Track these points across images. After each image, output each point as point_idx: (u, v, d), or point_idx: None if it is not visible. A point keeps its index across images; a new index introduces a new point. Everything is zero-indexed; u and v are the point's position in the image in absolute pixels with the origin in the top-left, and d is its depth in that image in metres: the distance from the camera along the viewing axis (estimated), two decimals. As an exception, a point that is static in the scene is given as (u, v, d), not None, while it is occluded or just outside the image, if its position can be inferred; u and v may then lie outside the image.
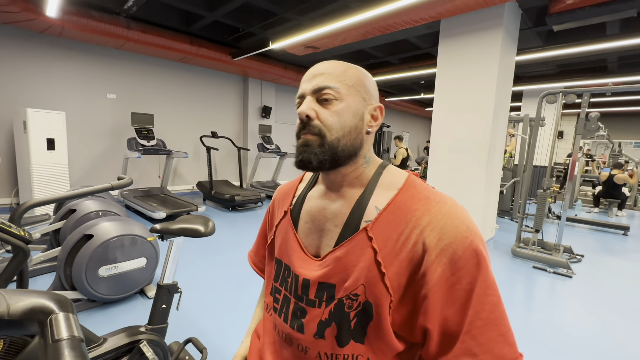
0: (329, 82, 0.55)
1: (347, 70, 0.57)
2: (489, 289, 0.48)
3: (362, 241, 0.54)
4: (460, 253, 0.48)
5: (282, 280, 0.65)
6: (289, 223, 0.67)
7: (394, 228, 0.53)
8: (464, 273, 0.48)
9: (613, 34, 3.98)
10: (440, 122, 3.62)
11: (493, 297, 0.48)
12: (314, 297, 0.58)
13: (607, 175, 5.70)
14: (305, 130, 0.56)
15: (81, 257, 1.81)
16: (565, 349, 1.81)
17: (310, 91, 0.56)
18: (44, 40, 4.36)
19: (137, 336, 1.16)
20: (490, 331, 0.47)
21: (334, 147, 0.55)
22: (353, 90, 0.56)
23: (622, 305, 2.37)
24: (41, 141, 3.79)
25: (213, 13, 4.07)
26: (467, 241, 0.49)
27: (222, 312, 2.01)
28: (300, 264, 0.62)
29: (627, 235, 4.38)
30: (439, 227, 0.50)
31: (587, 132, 3.04)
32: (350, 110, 0.56)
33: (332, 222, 0.59)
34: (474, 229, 0.51)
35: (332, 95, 0.55)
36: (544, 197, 3.30)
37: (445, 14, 3.22)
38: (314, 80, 0.57)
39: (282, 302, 0.64)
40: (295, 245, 0.64)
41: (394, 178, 0.59)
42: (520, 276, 2.85)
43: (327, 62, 0.58)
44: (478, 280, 0.48)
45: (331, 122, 0.55)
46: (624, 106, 9.39)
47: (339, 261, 0.56)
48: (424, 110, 11.36)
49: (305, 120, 0.56)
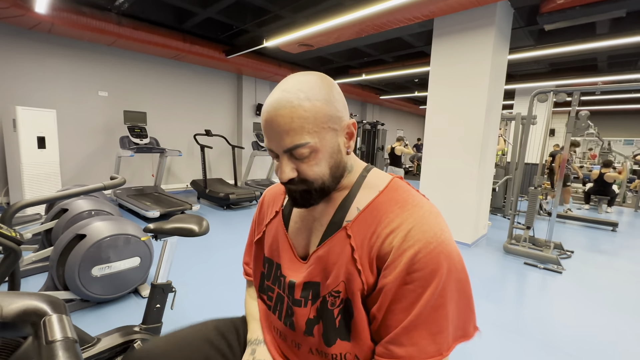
0: (297, 140, 0.51)
1: (309, 113, 0.51)
2: (439, 297, 0.50)
3: (342, 239, 0.57)
4: (421, 256, 0.50)
5: (275, 279, 0.67)
6: (279, 223, 0.68)
7: (369, 226, 0.55)
8: (419, 276, 0.50)
9: (603, 33, 4.04)
10: (434, 120, 3.64)
11: (437, 302, 0.50)
12: (299, 297, 0.60)
13: (598, 173, 5.79)
14: (292, 185, 0.57)
15: (74, 257, 1.80)
16: (555, 343, 1.85)
17: (282, 151, 0.54)
18: (33, 37, 4.28)
19: (131, 336, 1.16)
20: (423, 329, 0.50)
21: (322, 188, 0.57)
22: (322, 132, 0.53)
23: (610, 300, 2.43)
24: (31, 140, 3.73)
25: (206, 10, 4.04)
26: (430, 247, 0.50)
27: (217, 311, 2.01)
28: (289, 265, 0.64)
29: (615, 232, 4.47)
30: (407, 229, 0.52)
31: (577, 130, 3.09)
32: (326, 151, 0.55)
33: (319, 222, 0.62)
34: (442, 237, 0.52)
35: (306, 151, 0.53)
36: (535, 195, 3.35)
37: (439, 13, 3.23)
38: (280, 140, 0.52)
39: (276, 301, 0.66)
40: (285, 245, 0.66)
41: (377, 181, 0.60)
42: (511, 272, 2.89)
43: (284, 104, 0.51)
44: (430, 287, 0.50)
45: (313, 173, 0.55)
46: (613, 104, 9.55)
47: (321, 260, 0.58)
48: (418, 108, 11.42)
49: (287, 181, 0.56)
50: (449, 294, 0.51)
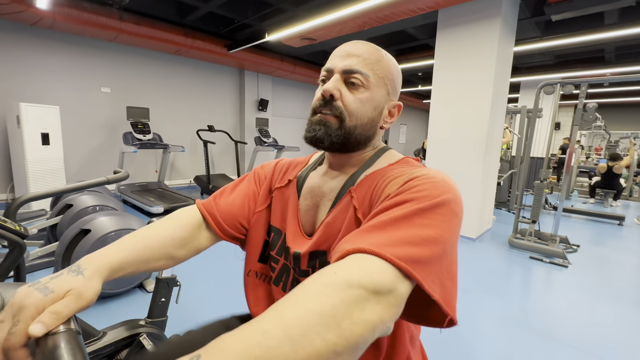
0: (362, 67, 0.54)
1: (381, 60, 0.56)
2: (428, 219, 0.41)
3: (347, 204, 0.55)
4: (419, 181, 0.45)
5: (280, 249, 0.64)
6: (292, 192, 0.65)
7: (371, 184, 0.53)
8: (409, 195, 0.43)
9: (611, 23, 3.96)
10: (438, 113, 3.60)
11: (423, 221, 0.41)
12: (306, 267, 0.58)
13: (606, 166, 5.72)
14: (326, 109, 0.55)
15: (79, 252, 1.80)
16: (562, 338, 1.83)
17: (340, 70, 0.54)
18: (35, 33, 4.27)
19: (136, 329, 1.16)
20: (392, 231, 0.40)
21: (349, 133, 0.55)
22: (381, 82, 0.56)
23: (617, 294, 2.41)
24: (35, 136, 3.74)
25: (208, 4, 4.00)
26: (434, 179, 0.45)
27: (222, 304, 2.01)
28: (293, 237, 0.62)
29: (622, 226, 4.43)
30: (411, 174, 0.48)
31: (584, 123, 3.04)
32: (374, 101, 0.55)
33: (327, 197, 0.60)
34: (450, 183, 0.46)
35: (360, 82, 0.54)
36: (540, 189, 3.31)
37: (443, 4, 3.18)
38: (347, 59, 0.54)
39: (281, 271, 0.64)
40: (294, 217, 0.63)
41: (390, 158, 0.59)
42: (517, 266, 2.87)
43: (364, 44, 0.56)
44: (421, 204, 0.42)
45: (354, 108, 0.54)
46: (620, 97, 9.40)
47: (328, 227, 0.56)
48: (422, 103, 11.31)
49: (328, 99, 0.54)
50: (442, 226, 0.41)
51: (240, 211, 0.68)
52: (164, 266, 0.58)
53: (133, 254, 0.52)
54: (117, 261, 0.50)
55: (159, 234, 0.58)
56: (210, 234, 0.66)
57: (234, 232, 0.67)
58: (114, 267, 0.49)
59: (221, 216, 0.65)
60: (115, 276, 0.50)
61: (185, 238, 0.61)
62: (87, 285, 0.43)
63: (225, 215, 0.66)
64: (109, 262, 0.49)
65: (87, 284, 0.44)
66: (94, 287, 0.44)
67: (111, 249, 0.51)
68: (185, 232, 0.62)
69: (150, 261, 0.55)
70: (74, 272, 0.45)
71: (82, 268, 0.46)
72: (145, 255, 0.54)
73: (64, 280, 0.43)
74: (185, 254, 0.62)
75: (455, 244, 0.44)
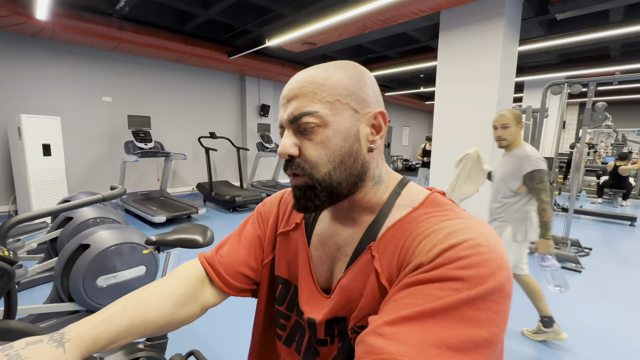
0: (305, 107, 0.44)
1: (326, 81, 0.45)
2: (478, 310, 0.33)
3: (367, 263, 0.46)
4: (462, 253, 0.35)
5: (291, 305, 0.56)
6: (302, 239, 0.56)
7: (397, 242, 0.43)
8: (454, 275, 0.34)
9: (616, 21, 3.89)
10: (442, 115, 3.54)
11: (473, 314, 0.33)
12: (323, 335, 0.50)
13: (613, 165, 5.62)
14: (290, 171, 0.47)
15: (78, 268, 1.75)
16: (576, 345, 1.75)
17: (287, 122, 0.46)
18: (35, 44, 4.28)
19: (135, 354, 1.10)
20: (433, 328, 0.33)
21: (327, 185, 0.45)
22: (338, 106, 0.45)
23: (633, 299, 2.32)
24: (37, 147, 3.73)
25: (207, 11, 3.99)
26: (479, 248, 0.36)
27: (224, 320, 1.95)
28: (308, 298, 0.53)
29: (634, 226, 4.32)
30: (446, 232, 0.38)
31: (593, 122, 2.96)
32: (338, 133, 0.45)
33: (343, 251, 0.51)
34: (497, 247, 0.37)
35: (312, 123, 0.44)
36: (550, 191, 3.23)
37: (445, 5, 3.13)
38: (288, 106, 0.46)
39: (293, 330, 0.56)
40: (306, 269, 0.54)
41: (413, 198, 0.48)
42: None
43: (302, 74, 0.46)
44: (470, 290, 0.33)
45: (315, 157, 0.45)
46: (626, 94, 9.28)
47: (345, 290, 0.47)
48: (424, 104, 11.26)
49: (288, 159, 0.46)
50: (496, 320, 0.34)
51: (245, 261, 0.60)
52: (164, 330, 0.51)
53: (124, 321, 0.46)
54: (105, 333, 0.44)
55: (156, 292, 0.52)
56: (214, 289, 0.59)
57: (240, 284, 0.59)
58: (102, 340, 0.43)
59: (224, 269, 0.58)
60: (104, 350, 0.44)
61: (188, 295, 0.54)
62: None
63: (229, 268, 0.58)
64: (94, 336, 0.43)
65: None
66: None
67: (100, 316, 0.45)
68: (187, 287, 0.55)
69: (147, 326, 0.48)
70: (55, 343, 0.39)
71: (65, 338, 0.40)
72: (140, 319, 0.48)
73: (42, 351, 0.37)
74: (189, 313, 0.54)
75: (505, 331, 0.36)
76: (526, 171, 1.69)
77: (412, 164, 11.82)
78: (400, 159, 11.99)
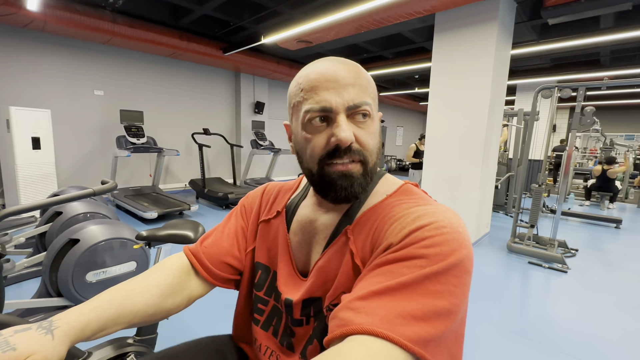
0: (362, 97, 0.46)
1: (369, 79, 0.49)
2: (440, 284, 0.36)
3: (342, 245, 0.49)
4: (428, 233, 0.39)
5: (269, 290, 0.58)
6: (281, 226, 0.59)
7: (371, 225, 0.47)
8: (419, 252, 0.38)
9: (607, 27, 3.97)
10: (436, 116, 3.58)
11: (435, 287, 0.36)
12: (299, 315, 0.53)
13: (601, 169, 5.74)
14: (345, 158, 0.46)
15: (67, 263, 1.74)
16: (561, 346, 1.80)
17: (344, 107, 0.45)
18: (26, 35, 4.19)
19: (124, 349, 1.10)
20: (400, 301, 0.36)
21: (372, 172, 0.49)
22: (375, 104, 0.49)
23: (617, 300, 2.38)
24: (26, 140, 3.66)
25: (203, 6, 3.95)
26: (443, 230, 0.39)
27: (214, 318, 1.96)
28: (286, 280, 0.55)
29: (619, 229, 4.42)
30: (415, 214, 0.42)
31: (582, 126, 3.03)
32: (378, 127, 0.49)
33: (321, 235, 0.54)
34: (460, 229, 0.41)
35: (368, 112, 0.47)
36: (539, 192, 3.29)
37: (440, 7, 3.16)
38: (343, 92, 0.45)
39: (271, 315, 0.58)
40: (286, 255, 0.57)
41: (388, 187, 0.53)
42: (516, 272, 2.84)
43: (345, 65, 0.47)
44: (433, 266, 0.37)
45: (373, 145, 0.48)
46: (614, 99, 9.47)
47: (321, 271, 0.50)
48: (418, 105, 11.33)
49: (345, 147, 0.45)
50: (456, 292, 0.37)
51: (229, 251, 0.61)
52: (152, 319, 0.53)
53: (112, 310, 0.47)
54: (94, 321, 0.44)
55: (144, 283, 0.53)
56: (200, 280, 0.60)
57: (224, 274, 0.61)
58: (90, 328, 0.44)
59: (209, 259, 0.60)
60: (93, 338, 0.45)
61: (175, 285, 0.56)
62: (54, 350, 0.38)
63: (213, 258, 0.60)
64: (83, 324, 0.43)
65: (55, 348, 0.38)
66: (60, 353, 0.39)
67: (88, 305, 0.46)
68: (174, 278, 0.56)
69: (135, 315, 0.50)
70: (44, 330, 0.39)
71: (54, 326, 0.41)
72: (128, 308, 0.49)
73: (30, 339, 0.37)
74: (176, 303, 0.56)
75: (466, 303, 0.40)
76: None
77: (405, 164, 11.90)
78: (394, 158, 12.06)
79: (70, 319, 0.43)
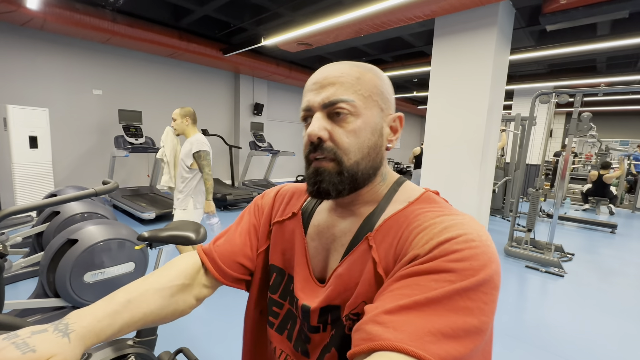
0: (343, 94, 0.46)
1: (362, 76, 0.48)
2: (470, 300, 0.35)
3: (363, 253, 0.48)
4: (457, 247, 0.38)
5: (285, 293, 0.58)
6: (298, 228, 0.58)
7: (395, 233, 0.46)
8: (448, 267, 0.37)
9: (604, 34, 4.02)
10: (435, 120, 3.60)
11: (465, 304, 0.35)
12: (316, 323, 0.52)
13: (597, 174, 5.79)
14: (318, 154, 0.47)
15: (65, 263, 1.72)
16: (557, 348, 1.81)
17: (319, 105, 0.47)
18: (25, 34, 4.17)
19: (124, 350, 1.09)
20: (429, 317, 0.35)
21: (353, 172, 0.48)
22: (370, 102, 0.48)
23: (614, 304, 2.40)
24: (23, 139, 3.63)
25: (203, 7, 3.96)
26: (472, 243, 0.38)
27: (214, 318, 1.95)
28: (303, 285, 0.55)
29: (614, 233, 4.46)
30: (442, 226, 0.41)
31: (579, 131, 3.06)
32: (369, 126, 0.48)
33: (340, 242, 0.53)
34: (488, 242, 0.40)
35: (347, 111, 0.46)
36: (536, 197, 3.32)
37: (440, 12, 3.19)
38: (323, 91, 0.47)
39: (286, 318, 0.57)
40: (302, 258, 0.56)
41: (409, 194, 0.52)
42: (513, 276, 2.86)
43: (336, 65, 0.49)
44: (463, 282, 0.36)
45: (348, 143, 0.47)
46: (610, 105, 9.58)
47: (340, 278, 0.49)
48: (417, 108, 11.39)
49: (317, 143, 0.47)
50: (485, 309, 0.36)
51: (241, 250, 0.61)
52: (164, 321, 0.53)
53: (126, 314, 0.47)
54: (109, 326, 0.45)
55: (157, 284, 0.53)
56: (209, 279, 0.60)
57: (235, 274, 0.60)
58: (106, 333, 0.44)
59: (220, 258, 0.59)
60: (106, 340, 0.45)
61: (187, 285, 0.56)
62: (71, 352, 0.38)
63: (225, 257, 0.60)
64: (98, 329, 0.43)
65: (72, 351, 0.39)
66: (76, 356, 0.39)
67: (104, 310, 0.46)
68: (185, 278, 0.56)
69: (148, 317, 0.50)
70: (60, 333, 0.39)
71: (70, 329, 0.41)
72: (142, 311, 0.49)
73: (49, 341, 0.37)
74: (187, 304, 0.56)
75: (493, 319, 0.39)
76: (194, 151, 2.21)
77: (403, 167, 11.93)
78: (391, 161, 12.10)
79: (86, 323, 0.42)
